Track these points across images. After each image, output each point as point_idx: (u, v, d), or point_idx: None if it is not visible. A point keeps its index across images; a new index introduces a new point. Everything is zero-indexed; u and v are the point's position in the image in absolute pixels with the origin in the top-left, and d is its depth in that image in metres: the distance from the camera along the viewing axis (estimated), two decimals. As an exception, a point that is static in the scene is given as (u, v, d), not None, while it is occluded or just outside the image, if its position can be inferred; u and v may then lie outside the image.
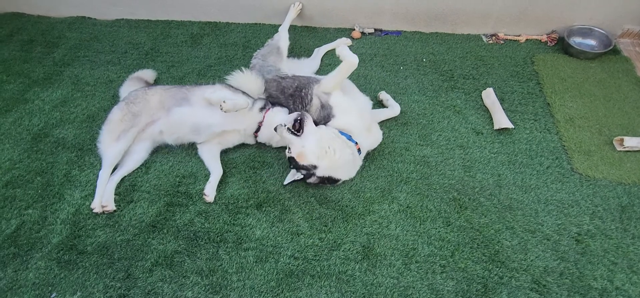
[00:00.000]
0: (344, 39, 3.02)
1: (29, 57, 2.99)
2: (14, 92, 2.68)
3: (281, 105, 2.30)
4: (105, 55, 2.99)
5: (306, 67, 2.71)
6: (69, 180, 2.15)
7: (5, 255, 1.86)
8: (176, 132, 2.22)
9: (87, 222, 1.98)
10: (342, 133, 2.05)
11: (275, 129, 2.01)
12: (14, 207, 2.04)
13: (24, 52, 3.03)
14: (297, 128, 2.01)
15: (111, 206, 2.02)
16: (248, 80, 2.32)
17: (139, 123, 2.18)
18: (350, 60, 2.04)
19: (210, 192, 2.05)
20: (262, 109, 2.21)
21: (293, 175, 2.06)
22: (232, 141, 2.28)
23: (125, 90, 2.46)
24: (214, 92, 2.13)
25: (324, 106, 2.13)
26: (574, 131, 2.33)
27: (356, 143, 2.06)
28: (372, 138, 2.21)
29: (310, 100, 2.18)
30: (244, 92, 2.27)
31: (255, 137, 2.27)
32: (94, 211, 2.01)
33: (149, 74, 2.70)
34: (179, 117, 2.18)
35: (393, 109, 2.45)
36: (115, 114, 2.19)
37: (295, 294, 1.73)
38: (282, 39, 2.68)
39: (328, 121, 2.11)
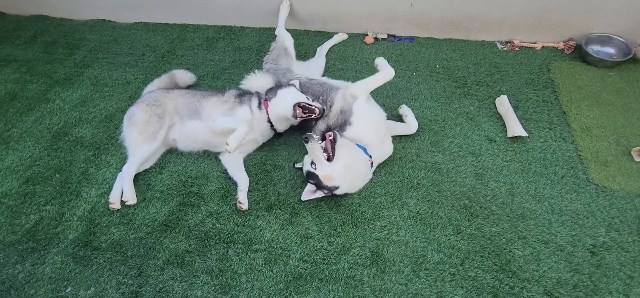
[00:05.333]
0: (342, 34, 3.10)
1: (51, 58, 3.09)
2: (36, 92, 2.78)
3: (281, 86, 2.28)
4: (123, 57, 3.07)
5: (313, 67, 2.74)
6: (86, 178, 2.22)
7: (24, 249, 1.92)
8: (189, 144, 2.28)
9: (102, 220, 2.03)
10: (358, 146, 2.02)
11: (306, 141, 1.86)
12: (33, 203, 2.11)
13: (47, 53, 3.14)
14: (329, 151, 1.90)
15: (118, 204, 2.06)
16: (260, 81, 2.35)
17: (165, 124, 2.23)
18: (386, 72, 2.14)
19: (244, 200, 2.04)
20: (260, 105, 2.21)
21: (313, 193, 1.99)
22: (251, 148, 2.31)
23: (153, 86, 2.53)
24: (215, 122, 2.14)
25: (343, 111, 2.10)
26: (590, 141, 2.28)
27: (370, 156, 2.04)
28: (383, 150, 2.18)
29: (331, 106, 2.16)
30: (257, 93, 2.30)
31: (274, 129, 2.27)
32: (112, 207, 2.05)
33: (186, 76, 2.72)
34: (191, 130, 2.23)
35: (410, 126, 2.35)
36: (141, 116, 2.21)
37: (303, 297, 1.74)
38: (285, 39, 2.69)
39: (343, 127, 2.07)
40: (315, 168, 1.91)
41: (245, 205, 2.04)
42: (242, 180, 2.13)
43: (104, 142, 2.40)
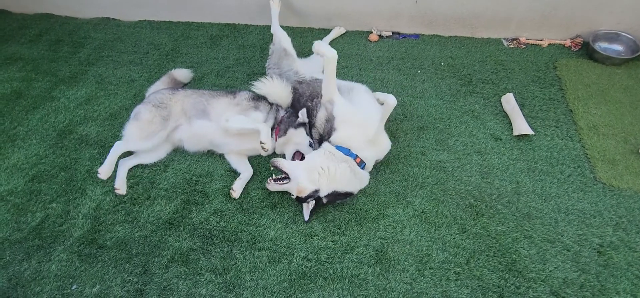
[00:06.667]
0: (339, 28, 3.10)
1: (56, 56, 3.10)
2: (42, 90, 2.79)
3: (294, 116, 2.26)
4: (127, 56, 3.07)
5: (314, 63, 2.71)
6: (91, 176, 2.22)
7: (30, 246, 1.93)
8: (195, 143, 2.28)
9: (107, 217, 2.04)
10: (339, 148, 1.98)
11: (268, 187, 2.01)
12: (39, 200, 2.12)
13: (52, 51, 3.15)
14: (282, 177, 2.00)
15: (123, 190, 2.12)
16: (275, 88, 2.30)
17: (168, 126, 2.24)
18: (327, 55, 1.99)
19: (238, 188, 2.09)
20: (272, 128, 2.21)
21: (307, 208, 2.00)
22: (253, 152, 2.29)
23: (156, 87, 2.53)
24: (229, 121, 2.14)
25: (328, 119, 2.08)
26: (597, 139, 2.25)
27: (356, 156, 2.00)
28: (378, 148, 2.13)
29: (316, 114, 2.16)
30: (266, 100, 2.29)
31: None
32: (99, 176, 2.15)
33: (184, 74, 2.74)
34: (198, 129, 2.23)
35: (387, 102, 2.06)
36: (145, 115, 2.23)
37: (307, 296, 1.74)
38: (282, 39, 2.65)
39: (330, 134, 2.05)
40: (293, 195, 1.96)
41: (236, 194, 2.08)
42: (245, 171, 2.17)
43: (108, 140, 2.41)
